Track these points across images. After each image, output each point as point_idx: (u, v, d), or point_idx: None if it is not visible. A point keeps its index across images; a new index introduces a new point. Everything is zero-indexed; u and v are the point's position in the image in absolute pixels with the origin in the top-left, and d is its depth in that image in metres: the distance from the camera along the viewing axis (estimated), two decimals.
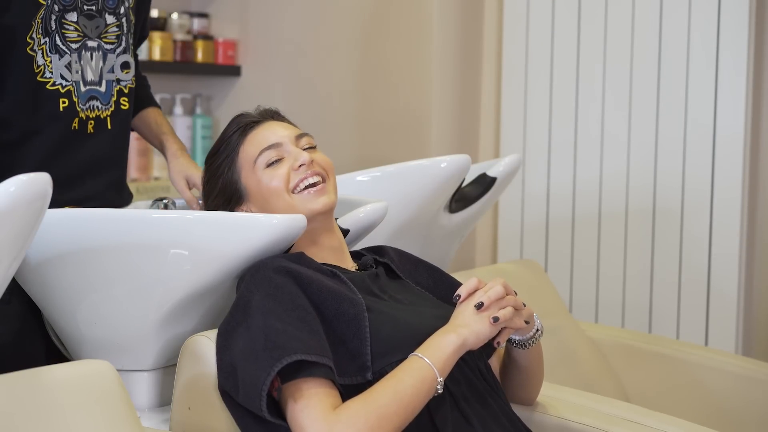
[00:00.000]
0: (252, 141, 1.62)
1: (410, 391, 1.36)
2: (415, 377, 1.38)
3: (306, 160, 1.59)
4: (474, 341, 1.43)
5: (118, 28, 1.91)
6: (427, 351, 1.41)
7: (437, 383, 1.39)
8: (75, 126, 1.86)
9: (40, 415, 1.24)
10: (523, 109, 3.03)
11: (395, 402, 1.35)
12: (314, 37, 3.22)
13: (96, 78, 1.88)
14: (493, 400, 1.49)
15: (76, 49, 1.84)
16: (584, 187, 2.93)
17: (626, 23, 2.84)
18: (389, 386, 1.36)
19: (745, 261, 2.73)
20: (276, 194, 1.59)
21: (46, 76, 1.82)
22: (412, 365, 1.39)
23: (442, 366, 1.40)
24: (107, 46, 1.89)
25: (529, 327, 1.54)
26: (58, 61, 1.82)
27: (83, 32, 1.85)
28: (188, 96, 3.42)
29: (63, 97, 1.84)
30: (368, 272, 1.60)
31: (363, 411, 1.34)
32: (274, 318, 1.39)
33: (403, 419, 1.36)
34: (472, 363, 1.52)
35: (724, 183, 2.71)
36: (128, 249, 1.60)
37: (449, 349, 1.41)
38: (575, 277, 2.97)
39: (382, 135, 3.09)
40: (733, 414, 2.22)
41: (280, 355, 1.34)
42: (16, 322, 1.81)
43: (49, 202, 1.22)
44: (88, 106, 1.87)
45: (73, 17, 1.83)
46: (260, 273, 1.47)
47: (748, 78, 2.68)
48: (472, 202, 2.21)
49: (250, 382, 1.36)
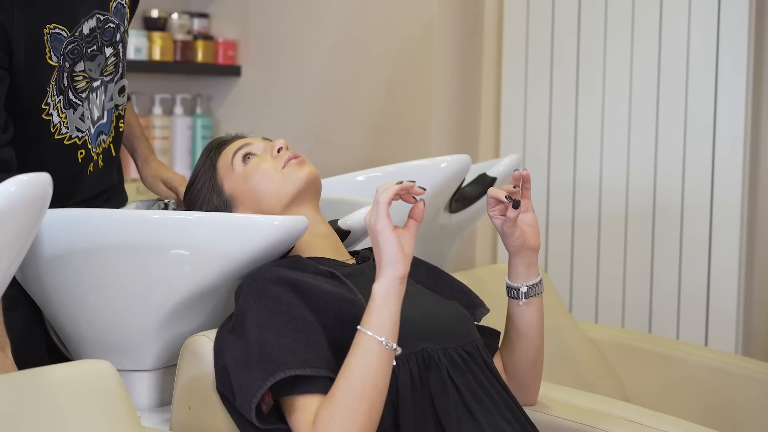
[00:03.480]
0: (224, 152, 1.68)
1: (360, 373, 1.33)
2: (359, 357, 1.34)
3: (282, 144, 1.64)
4: (394, 258, 1.35)
5: (116, 57, 1.85)
6: (366, 320, 1.36)
7: (386, 346, 1.34)
8: (90, 170, 1.84)
9: (40, 415, 1.24)
10: (523, 109, 3.03)
11: (351, 392, 1.33)
12: (314, 37, 3.22)
13: (100, 113, 1.84)
14: (497, 393, 1.49)
15: (85, 98, 1.80)
16: (584, 187, 2.93)
17: (626, 23, 2.84)
18: (341, 379, 1.35)
19: (744, 261, 2.73)
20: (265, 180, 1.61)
21: (63, 132, 1.77)
22: (355, 344, 1.36)
23: (383, 325, 1.35)
24: (107, 78, 1.84)
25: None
26: (72, 115, 1.78)
27: (89, 76, 1.80)
28: (188, 96, 3.42)
29: (80, 148, 1.81)
30: (367, 264, 1.60)
31: (329, 415, 1.33)
32: (270, 330, 1.39)
33: (372, 402, 1.34)
34: (477, 355, 1.52)
35: (724, 183, 2.71)
36: (129, 249, 1.60)
37: (382, 304, 1.35)
38: (575, 277, 2.97)
39: (382, 135, 3.09)
40: (732, 414, 2.22)
41: (274, 370, 1.35)
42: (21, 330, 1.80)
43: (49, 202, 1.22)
44: (98, 142, 1.85)
45: (80, 66, 1.77)
46: (257, 283, 1.47)
47: (748, 78, 2.68)
48: (472, 202, 2.21)
49: (242, 391, 1.37)
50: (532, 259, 1.59)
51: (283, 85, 3.31)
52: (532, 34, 2.99)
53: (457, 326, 1.53)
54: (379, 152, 3.06)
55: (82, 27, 1.76)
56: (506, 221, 1.55)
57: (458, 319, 1.55)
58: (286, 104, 3.30)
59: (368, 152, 3.10)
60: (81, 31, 1.76)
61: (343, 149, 3.13)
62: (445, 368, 1.45)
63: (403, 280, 1.36)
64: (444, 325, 1.51)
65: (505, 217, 1.55)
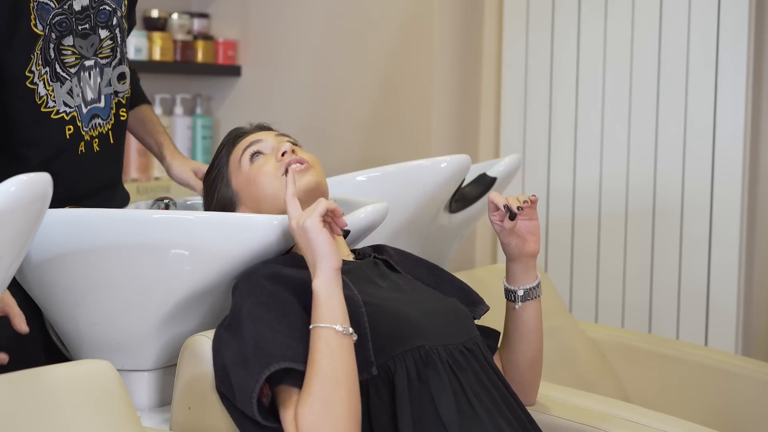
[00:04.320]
0: (237, 146, 1.68)
1: (329, 363, 1.35)
2: (323, 350, 1.36)
3: (288, 147, 1.63)
4: (328, 251, 1.40)
5: (112, 41, 1.88)
6: (315, 316, 1.39)
7: (344, 332, 1.37)
8: (82, 149, 1.85)
9: (40, 415, 1.24)
10: (523, 109, 3.03)
11: (327, 382, 1.34)
12: (314, 37, 3.22)
13: (95, 96, 1.86)
14: (498, 391, 1.49)
15: (75, 73, 1.82)
16: (584, 187, 2.93)
17: (626, 23, 2.84)
18: (312, 373, 1.35)
19: (744, 261, 2.73)
20: (264, 184, 1.61)
21: (50, 106, 1.79)
22: (314, 341, 1.37)
23: (334, 315, 1.38)
24: (103, 61, 1.87)
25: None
26: (60, 89, 1.80)
27: (80, 53, 1.82)
28: (188, 96, 3.42)
29: (68, 124, 1.82)
30: (365, 261, 1.60)
31: (309, 410, 1.34)
32: (264, 326, 1.40)
33: (349, 387, 1.35)
34: (478, 352, 1.52)
35: (724, 183, 2.71)
36: (129, 249, 1.60)
37: (327, 296, 1.39)
38: (575, 277, 2.97)
39: (382, 135, 3.09)
40: (733, 414, 2.22)
41: (269, 362, 1.35)
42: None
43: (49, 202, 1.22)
44: (92, 125, 1.86)
45: (69, 41, 1.80)
46: (252, 280, 1.48)
47: (748, 78, 2.68)
48: (472, 202, 2.21)
49: (242, 388, 1.37)
50: (530, 264, 1.60)
51: (283, 85, 3.31)
52: (532, 34, 2.99)
53: (457, 323, 1.53)
54: (379, 152, 3.06)
55: (72, 2, 1.80)
56: (502, 230, 1.57)
57: (458, 317, 1.55)
58: (286, 104, 3.30)
59: (368, 152, 3.10)
60: (71, 6, 1.80)
61: (343, 149, 3.13)
62: (446, 364, 1.45)
63: (338, 271, 1.41)
64: (444, 323, 1.51)
65: (502, 225, 1.56)
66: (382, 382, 1.42)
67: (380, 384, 1.42)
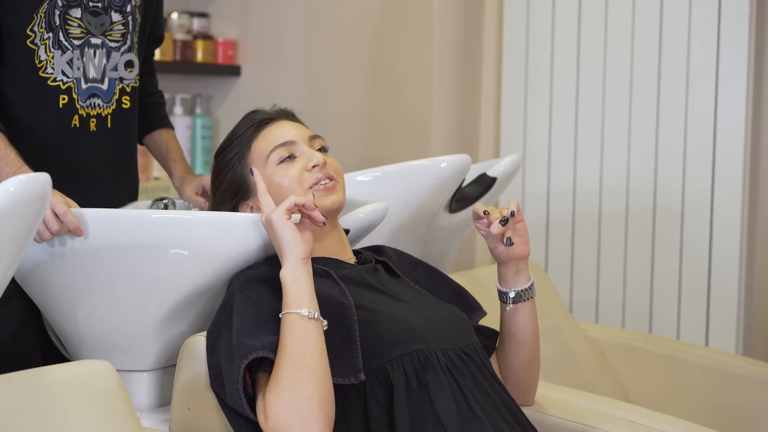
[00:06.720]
0: (265, 137, 1.64)
1: (293, 346, 1.36)
2: (288, 335, 1.37)
3: (320, 161, 1.60)
4: (292, 241, 1.43)
5: (124, 27, 1.90)
6: (283, 304, 1.41)
7: (309, 317, 1.38)
8: (75, 123, 1.86)
9: (40, 415, 1.24)
10: (523, 109, 3.03)
11: (291, 364, 1.34)
12: (314, 37, 3.22)
13: (98, 75, 1.88)
14: (497, 395, 1.49)
15: (78, 46, 1.84)
16: (584, 187, 2.93)
17: (626, 23, 2.84)
18: (279, 359, 1.36)
19: (745, 261, 2.73)
20: (287, 189, 1.59)
21: (48, 72, 1.82)
22: (282, 328, 1.39)
23: (299, 300, 1.39)
24: (112, 44, 1.89)
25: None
26: (60, 57, 1.82)
27: (87, 29, 1.84)
28: (188, 96, 3.42)
29: (63, 93, 1.83)
30: (366, 266, 1.60)
31: (274, 394, 1.34)
32: (250, 322, 1.41)
33: (314, 370, 1.35)
34: (476, 357, 1.51)
35: (725, 183, 2.71)
36: (128, 249, 1.60)
37: (292, 284, 1.40)
38: (575, 277, 2.97)
39: (383, 135, 3.09)
40: (733, 414, 2.22)
41: (246, 352, 1.36)
42: (15, 325, 1.81)
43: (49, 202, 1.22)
44: (89, 103, 1.87)
45: (77, 13, 1.83)
46: (245, 279, 1.49)
47: (749, 78, 2.68)
48: (472, 202, 2.21)
49: (230, 382, 1.38)
50: (521, 266, 1.59)
51: (282, 85, 3.31)
52: (532, 34, 2.99)
53: (456, 329, 1.53)
54: (379, 152, 3.06)
55: None
56: (489, 235, 1.57)
57: (456, 322, 1.55)
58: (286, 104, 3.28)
59: (368, 152, 3.10)
60: None
61: (344, 149, 3.13)
62: (445, 368, 1.44)
63: (306, 261, 1.43)
64: (442, 328, 1.51)
65: (488, 231, 1.56)
66: (379, 385, 1.42)
67: (377, 386, 1.42)
